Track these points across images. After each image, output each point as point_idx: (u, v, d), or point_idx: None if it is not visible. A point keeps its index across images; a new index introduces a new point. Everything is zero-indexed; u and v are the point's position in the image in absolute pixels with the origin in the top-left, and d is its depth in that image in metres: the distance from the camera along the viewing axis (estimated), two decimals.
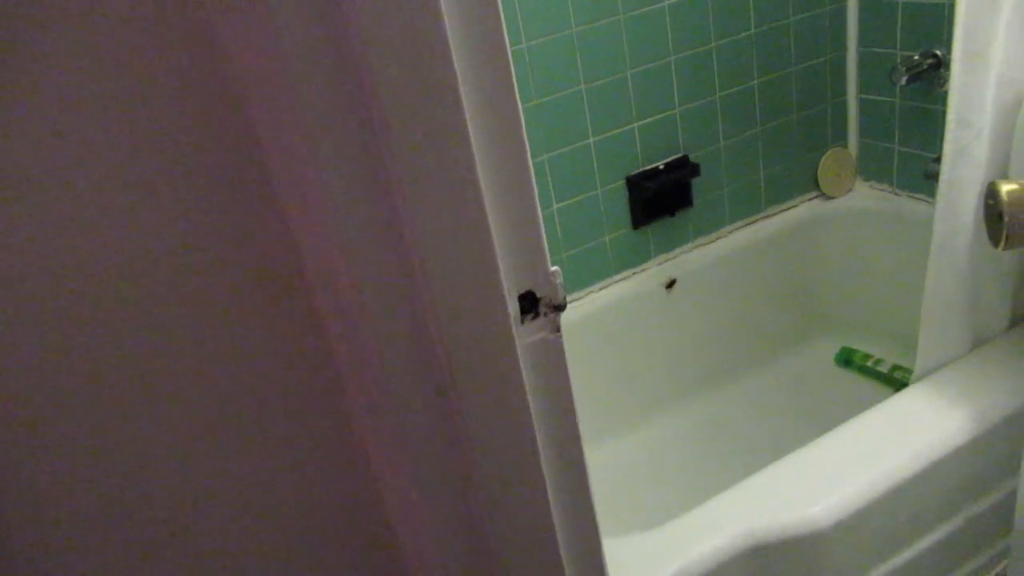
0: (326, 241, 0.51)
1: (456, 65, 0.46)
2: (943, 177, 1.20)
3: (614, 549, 1.13)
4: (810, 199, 2.00)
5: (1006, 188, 0.55)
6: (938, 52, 1.68)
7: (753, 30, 1.75)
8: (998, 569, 1.37)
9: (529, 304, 0.56)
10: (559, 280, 0.57)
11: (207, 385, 0.55)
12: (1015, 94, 1.17)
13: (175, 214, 0.50)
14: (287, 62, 0.44)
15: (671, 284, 1.82)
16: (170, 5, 0.46)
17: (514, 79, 0.50)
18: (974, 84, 1.14)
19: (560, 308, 0.57)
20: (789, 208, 1.98)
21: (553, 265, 0.57)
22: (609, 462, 1.81)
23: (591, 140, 1.65)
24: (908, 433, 1.25)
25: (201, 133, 0.49)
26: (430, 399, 0.56)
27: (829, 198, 2.00)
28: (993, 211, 0.55)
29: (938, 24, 1.67)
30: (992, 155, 1.18)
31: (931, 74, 1.70)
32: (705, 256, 1.86)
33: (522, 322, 0.56)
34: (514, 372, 0.56)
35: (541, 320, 0.57)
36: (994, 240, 0.56)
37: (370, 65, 0.45)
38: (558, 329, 0.58)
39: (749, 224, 1.93)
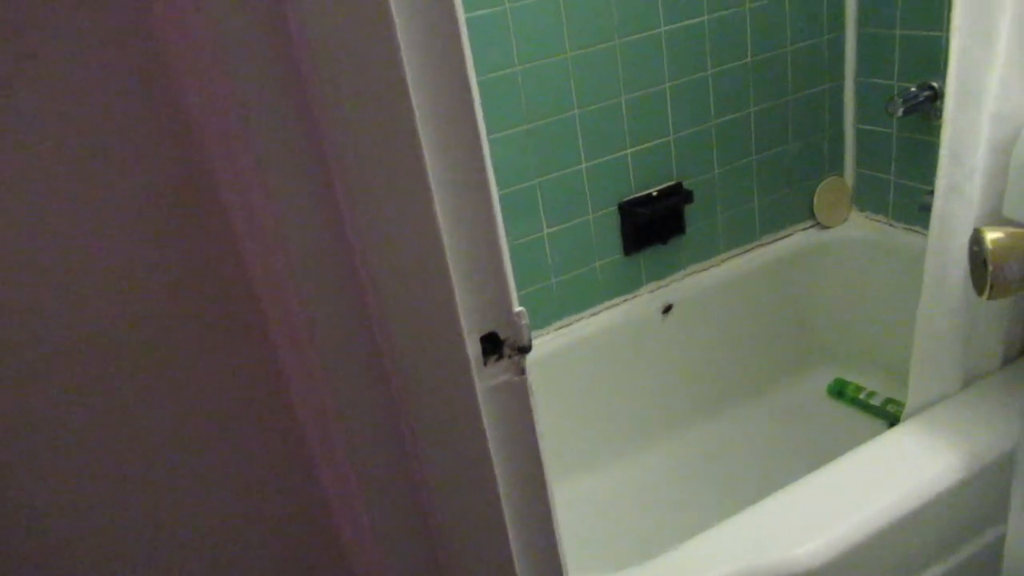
0: (277, 274, 0.49)
1: (412, 97, 0.45)
2: (935, 213, 1.19)
3: None
4: (805, 228, 1.98)
5: (991, 236, 0.53)
6: (935, 84, 1.67)
7: (750, 58, 1.74)
8: None
9: (492, 346, 0.54)
10: (524, 321, 0.54)
11: (157, 421, 0.53)
12: (1009, 131, 1.16)
13: (126, 238, 0.48)
14: (240, 93, 0.43)
15: (667, 309, 1.80)
16: (123, 23, 0.44)
17: (477, 108, 0.48)
18: (967, 121, 1.13)
19: (525, 350, 0.55)
20: (784, 237, 1.96)
21: (522, 305, 0.55)
22: (596, 493, 1.78)
23: (583, 165, 1.63)
24: (897, 473, 1.22)
25: (152, 159, 0.47)
26: (387, 442, 0.54)
27: (824, 228, 1.98)
28: (978, 258, 0.53)
29: (935, 56, 1.67)
30: (985, 193, 1.16)
31: (927, 106, 1.68)
32: (698, 284, 1.84)
33: (484, 364, 0.54)
34: (474, 416, 0.54)
35: (505, 362, 0.55)
36: (978, 288, 0.54)
37: (324, 100, 0.43)
38: (523, 371, 0.55)
39: (743, 252, 1.91)
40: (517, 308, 0.54)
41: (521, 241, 1.63)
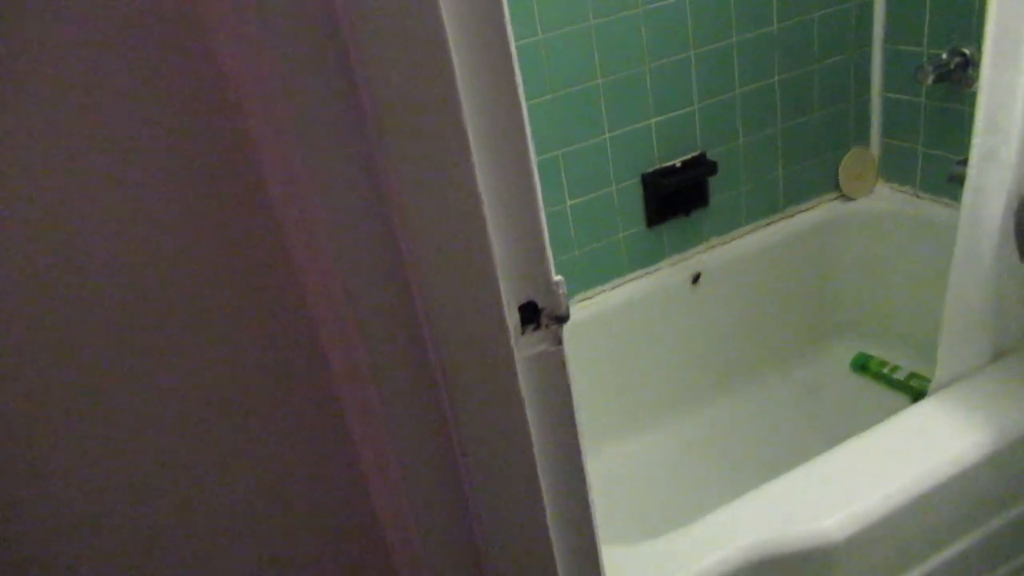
0: (319, 248, 0.48)
1: (456, 67, 0.44)
2: (969, 183, 1.16)
3: (618, 557, 1.10)
4: (830, 200, 1.95)
5: None
6: (966, 51, 1.63)
7: (776, 25, 1.70)
8: None
9: (530, 315, 0.54)
10: (562, 291, 0.54)
11: (201, 393, 0.53)
12: None
13: (169, 216, 0.47)
14: (285, 75, 0.42)
15: (696, 278, 1.78)
16: (169, 13, 0.43)
17: (518, 79, 0.47)
18: (1005, 86, 1.10)
19: (562, 319, 0.54)
20: (808, 209, 1.93)
21: (558, 274, 0.54)
22: (616, 466, 1.78)
23: (607, 136, 1.61)
24: (925, 447, 1.21)
25: (197, 138, 0.47)
26: (425, 412, 0.54)
27: (849, 199, 1.95)
28: (1022, 228, 0.52)
29: (967, 21, 1.62)
30: (1022, 159, 1.14)
31: (959, 74, 1.64)
32: (720, 256, 1.82)
33: (522, 333, 0.54)
34: (512, 385, 0.53)
35: (542, 332, 0.54)
36: (1023, 254, 0.53)
37: (368, 73, 0.42)
38: (560, 341, 0.55)
39: (766, 225, 1.89)
40: (556, 277, 0.53)
41: (545, 212, 1.61)
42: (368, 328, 0.49)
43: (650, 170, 1.68)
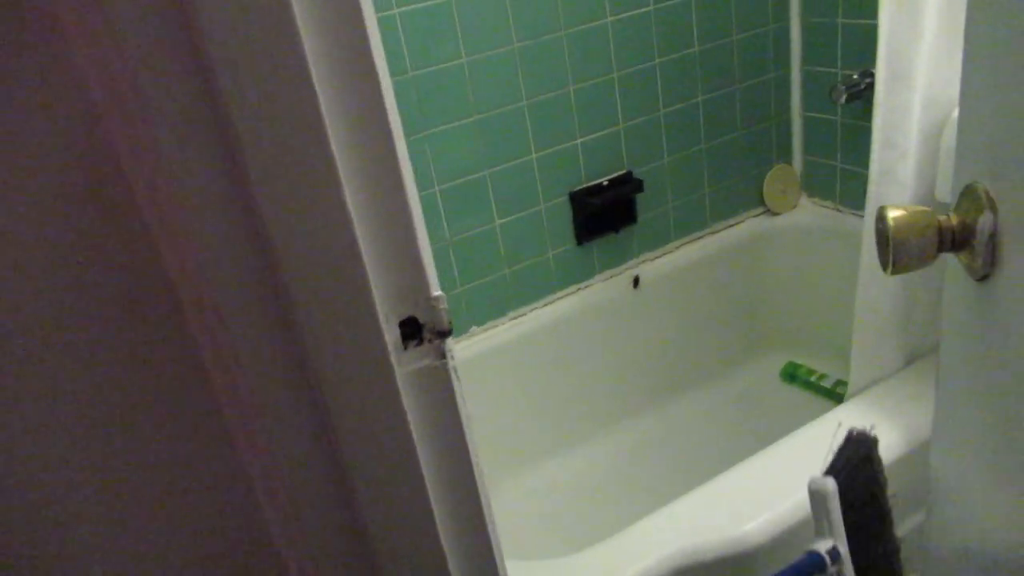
0: (188, 261, 0.49)
1: (316, 81, 0.45)
2: (869, 196, 1.21)
3: (541, 571, 1.11)
4: (755, 215, 2.01)
5: (892, 214, 0.55)
6: (875, 71, 1.70)
7: (697, 47, 1.76)
8: None
9: (412, 330, 0.55)
10: (443, 305, 0.55)
11: (78, 403, 0.52)
12: (940, 115, 1.19)
13: (41, 229, 0.47)
14: (139, 73, 0.42)
15: (636, 281, 1.82)
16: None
17: (384, 79, 0.48)
18: (898, 104, 1.15)
19: (444, 334, 0.55)
20: (734, 224, 1.99)
21: (437, 291, 0.55)
22: (551, 481, 1.80)
23: (533, 156, 1.64)
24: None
25: (63, 151, 0.47)
26: (306, 431, 0.54)
27: (774, 214, 2.02)
28: (882, 235, 0.55)
29: (874, 44, 1.69)
30: (917, 177, 1.19)
31: (869, 93, 1.72)
32: (650, 273, 1.86)
33: (404, 349, 0.55)
34: (394, 400, 0.54)
35: (425, 347, 0.55)
36: (883, 265, 0.56)
37: (223, 80, 0.43)
38: (443, 355, 0.56)
39: (694, 240, 1.94)
40: (436, 292, 0.55)
41: (473, 232, 1.63)
42: (241, 346, 0.49)
43: (578, 188, 1.71)
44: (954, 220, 0.55)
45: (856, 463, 1.02)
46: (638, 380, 1.90)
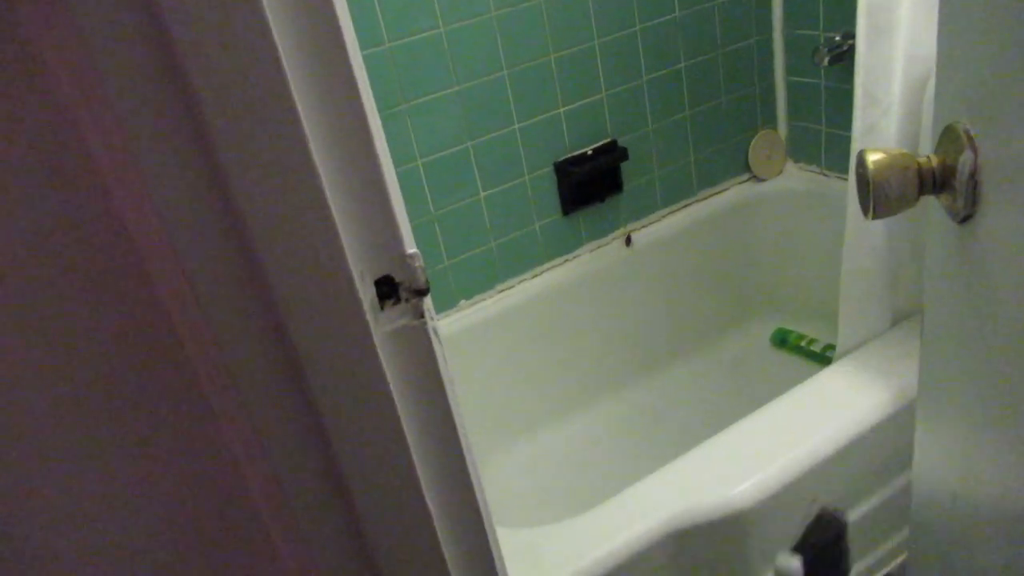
0: (156, 232, 0.48)
1: (274, 30, 0.43)
2: (853, 155, 1.21)
3: (533, 538, 1.11)
4: (741, 182, 2.01)
5: (872, 157, 0.54)
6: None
7: (678, 12, 1.74)
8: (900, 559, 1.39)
9: (389, 289, 0.54)
10: (419, 263, 0.54)
11: (51, 381, 0.51)
12: (923, 71, 1.18)
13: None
14: (96, 51, 0.41)
15: (628, 240, 1.81)
16: None
17: (348, 30, 0.47)
18: (879, 61, 1.14)
19: (422, 293, 0.55)
20: (721, 192, 1.98)
21: (412, 248, 0.54)
22: (544, 453, 1.80)
23: (516, 126, 1.63)
24: (827, 412, 1.26)
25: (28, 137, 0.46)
26: (286, 395, 0.53)
27: (760, 180, 2.01)
28: (862, 180, 0.54)
29: (856, 4, 1.68)
30: (901, 132, 1.19)
31: (852, 55, 1.69)
32: (637, 242, 1.85)
33: (382, 309, 0.54)
34: (373, 361, 0.53)
35: (402, 306, 0.54)
36: (864, 209, 0.55)
37: (183, 38, 0.42)
38: (421, 315, 0.55)
39: (681, 208, 1.93)
40: (411, 249, 0.54)
41: (458, 205, 1.62)
42: (213, 314, 0.48)
43: (562, 158, 1.70)
44: (934, 162, 0.54)
45: (825, 544, 1.02)
46: (628, 349, 1.90)
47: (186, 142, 0.45)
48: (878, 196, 0.53)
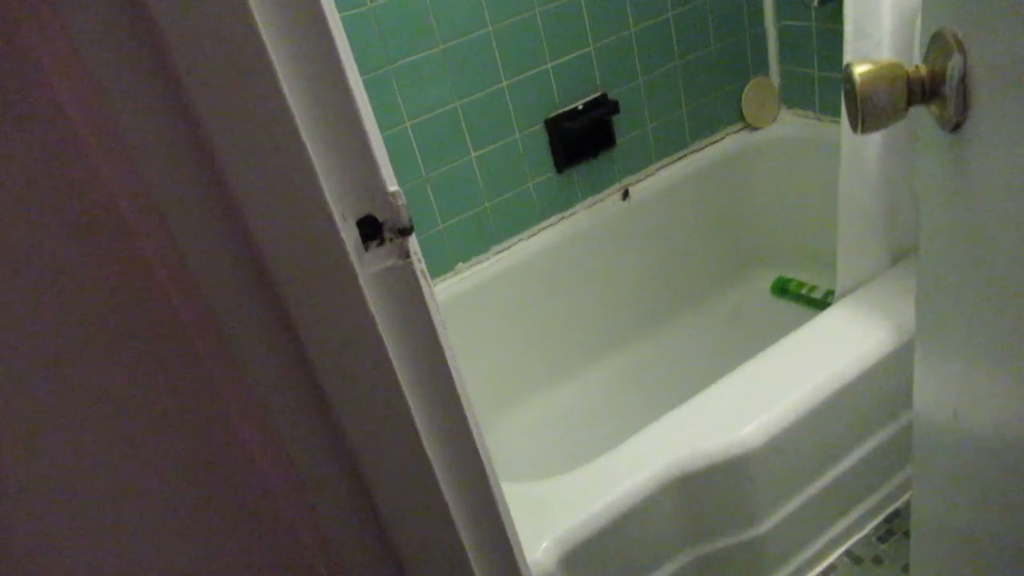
0: (130, 178, 0.47)
1: None
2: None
3: (538, 490, 1.12)
4: (736, 131, 1.98)
5: (859, 69, 0.53)
6: None
7: None
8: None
9: (372, 230, 0.53)
10: (401, 201, 0.53)
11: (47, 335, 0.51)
12: (913, 2, 1.16)
13: None
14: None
15: (625, 194, 1.80)
16: None
17: None
18: None
19: (406, 232, 0.54)
20: (715, 142, 1.96)
21: (393, 186, 0.53)
22: (546, 413, 1.80)
23: (504, 84, 1.60)
24: (829, 352, 1.25)
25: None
26: (271, 340, 0.53)
27: (755, 129, 1.99)
28: (850, 94, 0.53)
29: None
30: None
31: None
32: (633, 195, 1.84)
33: (366, 250, 0.53)
34: (359, 302, 0.53)
35: (387, 247, 0.54)
36: (853, 124, 0.54)
37: None
38: (408, 255, 0.54)
39: (676, 160, 1.91)
40: (392, 187, 0.53)
41: (449, 167, 1.60)
42: (194, 260, 0.47)
43: (553, 115, 1.68)
44: (923, 70, 0.53)
45: None
46: (628, 305, 1.90)
47: (157, 88, 0.44)
48: (867, 108, 0.52)
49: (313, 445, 0.58)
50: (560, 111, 1.68)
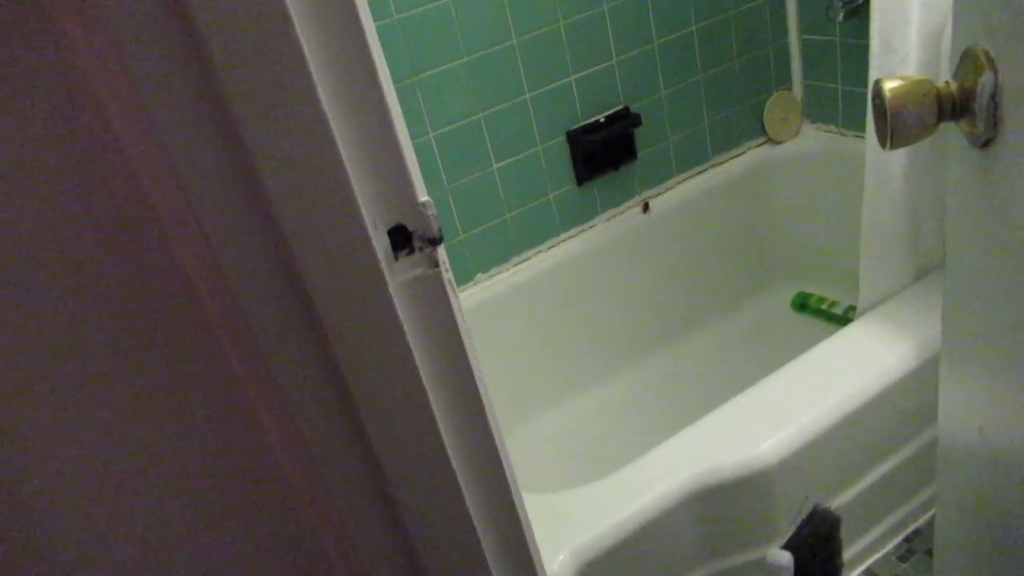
0: (169, 183, 0.48)
1: None
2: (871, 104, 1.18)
3: (558, 501, 1.12)
4: (757, 145, 1.98)
5: (889, 85, 0.53)
6: None
7: None
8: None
9: (402, 239, 0.54)
10: (431, 211, 0.54)
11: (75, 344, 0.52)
12: (939, 19, 1.15)
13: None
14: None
15: (646, 207, 1.80)
16: None
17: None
18: (896, 6, 1.12)
19: (435, 241, 0.54)
20: (736, 156, 1.96)
21: (424, 196, 0.54)
22: (566, 424, 1.80)
23: (527, 96, 1.61)
24: (850, 368, 1.25)
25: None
26: (302, 344, 0.54)
27: (777, 143, 1.98)
28: (879, 110, 0.53)
29: None
30: None
31: (867, 8, 1.66)
32: (654, 208, 1.84)
33: (396, 259, 0.54)
34: (389, 311, 0.53)
35: (416, 256, 0.54)
36: (882, 140, 0.54)
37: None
38: (436, 264, 0.55)
39: (697, 174, 1.91)
40: (423, 198, 0.53)
41: (471, 178, 1.61)
42: (227, 266, 0.48)
43: (575, 127, 1.69)
44: (953, 87, 0.53)
45: (818, 540, 1.01)
46: (648, 318, 1.90)
47: (197, 97, 0.45)
48: (896, 124, 0.52)
49: (338, 449, 0.59)
50: (582, 124, 1.69)
